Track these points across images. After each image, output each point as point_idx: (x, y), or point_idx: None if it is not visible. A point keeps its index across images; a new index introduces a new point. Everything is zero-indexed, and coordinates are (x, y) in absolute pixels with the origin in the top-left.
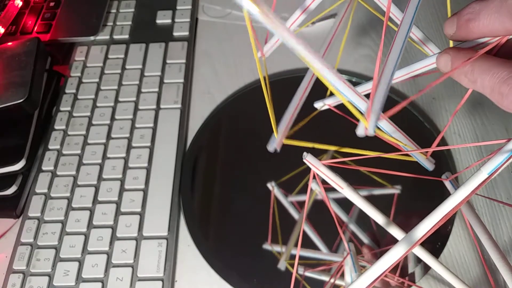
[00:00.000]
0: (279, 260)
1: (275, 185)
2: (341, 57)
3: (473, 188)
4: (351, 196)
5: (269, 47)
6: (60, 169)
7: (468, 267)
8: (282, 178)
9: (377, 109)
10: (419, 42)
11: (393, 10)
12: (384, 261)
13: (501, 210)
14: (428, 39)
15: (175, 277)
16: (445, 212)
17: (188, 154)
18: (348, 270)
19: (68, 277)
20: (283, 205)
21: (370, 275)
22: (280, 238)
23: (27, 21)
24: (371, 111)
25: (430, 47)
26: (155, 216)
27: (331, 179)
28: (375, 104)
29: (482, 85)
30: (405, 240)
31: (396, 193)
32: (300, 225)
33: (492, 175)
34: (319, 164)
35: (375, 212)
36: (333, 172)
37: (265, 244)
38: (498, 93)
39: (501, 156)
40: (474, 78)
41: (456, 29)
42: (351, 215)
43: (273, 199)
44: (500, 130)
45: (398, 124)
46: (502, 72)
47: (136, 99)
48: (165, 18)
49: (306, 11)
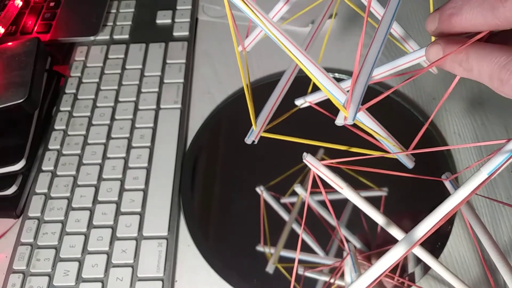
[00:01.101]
0: (270, 262)
1: (264, 189)
2: (328, 55)
3: (473, 188)
4: (351, 196)
5: (251, 40)
6: (60, 169)
7: (468, 267)
8: (281, 176)
9: (357, 99)
10: (399, 38)
11: (374, 5)
12: (384, 261)
13: (501, 210)
14: (409, 36)
15: (175, 277)
16: (445, 213)
17: (188, 154)
18: (348, 270)
19: (68, 277)
20: (275, 208)
21: (370, 275)
22: (268, 240)
23: (27, 21)
24: (350, 101)
25: (410, 44)
26: (155, 216)
27: (331, 179)
28: (355, 94)
29: (479, 72)
30: (405, 240)
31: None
32: (290, 226)
33: (492, 175)
34: (319, 165)
35: (375, 212)
36: (333, 173)
37: (258, 246)
38: (498, 79)
39: (501, 156)
40: (470, 66)
41: (438, 24)
42: (342, 219)
43: (262, 203)
44: (500, 130)
45: (397, 124)
46: (500, 57)
47: (136, 99)
48: (165, 18)
49: (288, 3)
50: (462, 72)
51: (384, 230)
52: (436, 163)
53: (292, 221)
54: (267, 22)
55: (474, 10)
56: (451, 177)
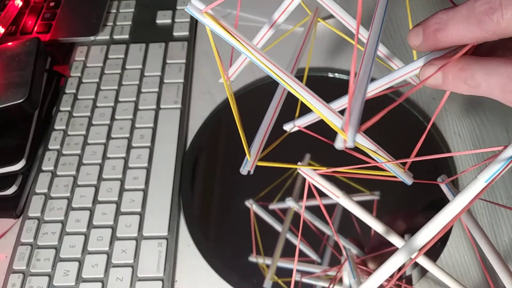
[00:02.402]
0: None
1: (254, 202)
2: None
3: (471, 197)
4: (347, 204)
5: (235, 69)
6: (60, 169)
7: (468, 267)
8: (281, 177)
9: (355, 122)
10: (384, 58)
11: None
12: (384, 269)
13: (501, 211)
14: (393, 55)
15: (175, 277)
16: (444, 223)
17: (188, 154)
18: (346, 275)
19: (68, 277)
20: (267, 221)
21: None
22: (262, 251)
23: (27, 21)
24: (349, 124)
25: (395, 62)
26: (155, 216)
27: (327, 189)
28: (353, 117)
29: (488, 87)
30: (405, 248)
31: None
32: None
33: (490, 183)
34: (314, 174)
35: (372, 220)
36: (328, 182)
37: (251, 257)
38: (511, 91)
39: (497, 164)
40: (477, 82)
41: (423, 39)
42: (334, 224)
43: (252, 216)
44: (500, 130)
45: (398, 124)
46: (510, 69)
47: (136, 99)
48: (165, 18)
49: (273, 26)
50: (467, 89)
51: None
52: (436, 163)
53: (285, 233)
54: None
55: (461, 26)
56: (447, 180)
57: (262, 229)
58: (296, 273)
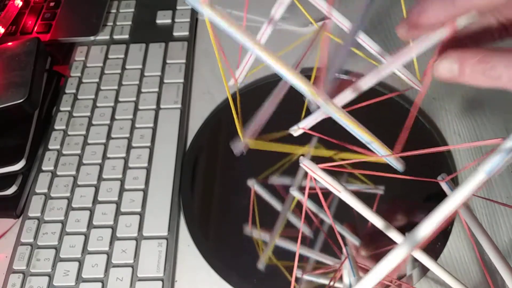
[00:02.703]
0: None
1: (256, 182)
2: None
3: (471, 188)
4: (348, 199)
5: (240, 70)
6: (60, 169)
7: (468, 267)
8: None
9: None
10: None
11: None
12: (384, 265)
13: (500, 211)
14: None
15: (175, 277)
16: (444, 215)
17: (188, 154)
18: (346, 274)
19: (68, 277)
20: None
21: (370, 279)
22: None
23: (27, 21)
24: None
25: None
26: (155, 216)
27: (329, 183)
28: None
29: (510, 79)
30: (405, 243)
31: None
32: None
33: (491, 174)
34: (316, 168)
35: (373, 215)
36: (330, 176)
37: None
38: None
39: (498, 155)
40: (498, 73)
41: (408, 27)
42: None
43: (253, 196)
44: (500, 130)
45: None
46: None
47: (136, 99)
48: (165, 18)
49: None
50: (487, 82)
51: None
52: (436, 162)
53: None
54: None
55: (436, 6)
56: (447, 178)
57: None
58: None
